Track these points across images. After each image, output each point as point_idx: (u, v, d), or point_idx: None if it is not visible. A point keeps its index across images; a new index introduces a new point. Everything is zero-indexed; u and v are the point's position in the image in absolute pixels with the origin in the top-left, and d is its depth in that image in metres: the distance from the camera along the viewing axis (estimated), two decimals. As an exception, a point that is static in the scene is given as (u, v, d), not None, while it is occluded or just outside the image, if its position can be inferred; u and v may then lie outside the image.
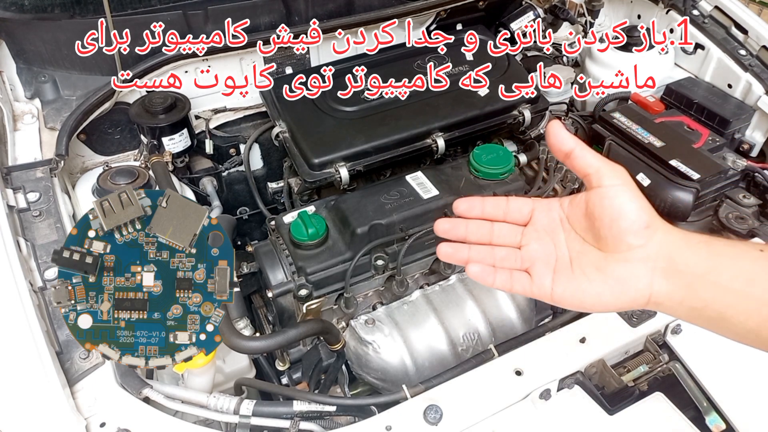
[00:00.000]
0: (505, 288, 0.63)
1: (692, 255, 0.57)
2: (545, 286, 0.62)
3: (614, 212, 0.58)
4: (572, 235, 0.63)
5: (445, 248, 0.65)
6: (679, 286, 0.57)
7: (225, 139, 1.52)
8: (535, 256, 0.63)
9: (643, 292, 0.58)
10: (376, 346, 1.12)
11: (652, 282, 0.58)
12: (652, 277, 0.58)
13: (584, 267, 0.60)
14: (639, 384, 0.97)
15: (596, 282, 0.59)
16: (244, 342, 0.96)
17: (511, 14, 1.67)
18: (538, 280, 0.62)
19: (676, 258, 0.57)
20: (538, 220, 0.65)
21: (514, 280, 0.63)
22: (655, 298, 0.58)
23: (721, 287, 0.56)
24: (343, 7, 1.52)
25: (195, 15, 1.39)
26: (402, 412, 0.90)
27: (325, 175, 1.28)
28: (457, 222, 0.66)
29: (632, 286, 0.58)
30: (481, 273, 0.63)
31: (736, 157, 1.42)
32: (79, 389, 0.89)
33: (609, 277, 0.59)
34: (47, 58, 1.36)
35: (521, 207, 0.66)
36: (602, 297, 0.59)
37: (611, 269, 0.59)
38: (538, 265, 0.63)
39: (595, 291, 0.59)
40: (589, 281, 0.60)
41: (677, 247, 0.57)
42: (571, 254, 0.62)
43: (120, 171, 1.27)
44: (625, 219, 0.58)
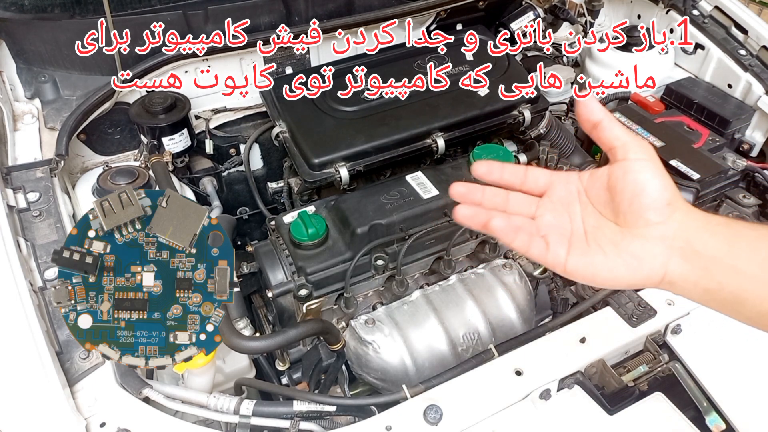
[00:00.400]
0: (522, 250, 0.62)
1: (711, 237, 0.56)
2: (560, 255, 0.60)
3: (637, 187, 0.58)
4: (589, 208, 0.62)
5: (463, 210, 0.63)
6: (696, 267, 0.56)
7: (225, 139, 1.52)
8: (550, 227, 0.62)
9: (658, 270, 0.57)
10: (376, 346, 1.12)
11: (668, 261, 0.57)
12: (669, 256, 0.57)
13: (600, 241, 0.60)
14: (639, 384, 0.97)
15: (611, 256, 0.58)
16: (244, 342, 0.96)
17: (511, 14, 1.67)
18: (553, 249, 0.61)
19: (694, 239, 0.56)
20: (554, 192, 0.64)
21: (531, 244, 0.61)
22: (670, 278, 0.58)
23: (738, 270, 0.55)
24: (343, 7, 1.52)
25: (195, 15, 1.39)
26: (402, 412, 0.90)
27: (325, 175, 1.28)
28: (473, 186, 0.65)
29: (647, 263, 0.57)
30: (504, 228, 0.61)
31: (736, 157, 1.42)
32: (79, 389, 0.89)
33: (624, 252, 0.58)
34: (47, 58, 1.36)
35: (538, 177, 0.65)
36: (616, 272, 0.58)
37: (627, 244, 0.58)
38: (553, 236, 0.62)
39: (610, 266, 0.58)
40: (604, 255, 0.59)
41: (696, 228, 0.57)
42: (586, 228, 0.61)
43: (120, 171, 1.27)
44: (647, 194, 0.57)
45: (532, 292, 1.26)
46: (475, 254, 1.32)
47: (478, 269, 1.27)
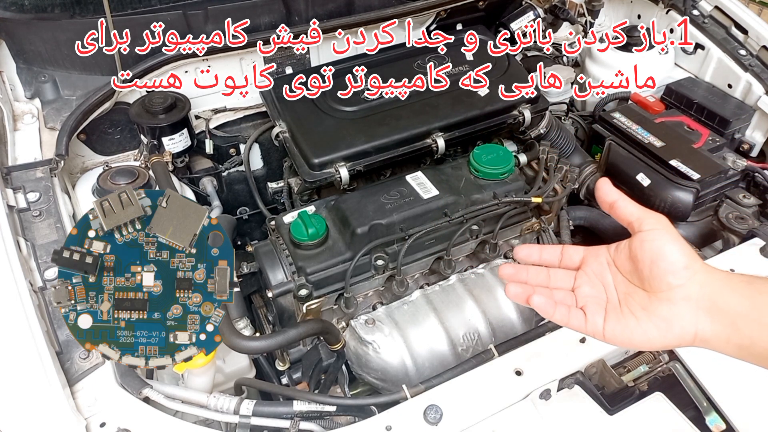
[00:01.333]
0: (563, 322, 0.68)
1: (732, 294, 0.60)
2: (597, 324, 0.66)
3: (654, 254, 0.63)
4: (619, 277, 0.68)
5: (514, 288, 0.70)
6: (724, 325, 0.60)
7: (225, 139, 1.52)
8: (587, 297, 0.69)
9: (688, 330, 0.62)
10: (376, 346, 1.12)
11: (696, 321, 0.61)
12: (697, 316, 0.61)
13: (632, 307, 0.65)
14: (639, 384, 0.97)
15: (643, 321, 0.63)
16: (244, 342, 0.96)
17: (511, 14, 1.67)
18: (591, 319, 0.67)
19: (717, 298, 0.60)
20: (588, 265, 0.71)
21: (570, 316, 0.68)
22: (702, 336, 0.62)
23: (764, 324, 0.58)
24: (343, 7, 1.52)
25: (195, 15, 1.39)
26: (402, 412, 0.90)
27: (325, 175, 1.28)
28: (519, 268, 0.73)
29: (677, 324, 0.62)
30: (543, 304, 0.68)
31: (736, 157, 1.42)
32: (79, 389, 0.89)
33: (654, 316, 0.63)
34: (47, 58, 1.36)
35: (572, 254, 0.73)
36: (649, 335, 0.63)
37: (656, 308, 0.63)
38: (591, 305, 0.68)
39: (643, 330, 0.63)
40: (637, 321, 0.64)
41: (718, 287, 0.61)
42: (619, 296, 0.67)
43: (120, 171, 1.27)
44: (664, 260, 0.62)
45: (532, 292, 1.26)
46: (475, 254, 1.32)
47: (478, 269, 1.27)
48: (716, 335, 0.61)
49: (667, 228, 0.64)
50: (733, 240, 1.32)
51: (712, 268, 0.63)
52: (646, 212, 0.66)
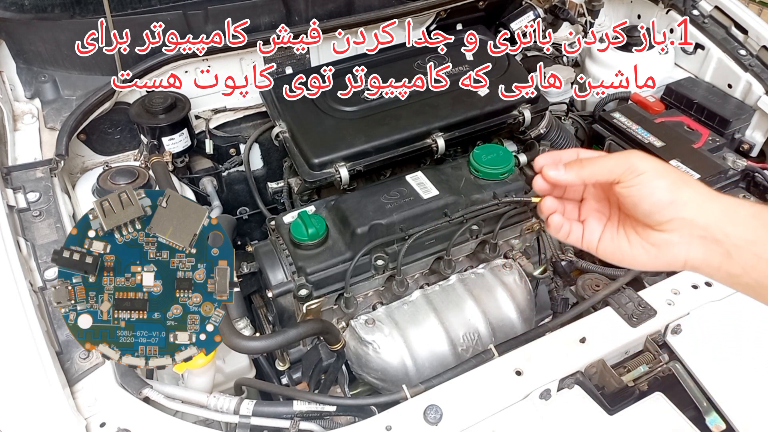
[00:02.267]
0: (563, 237, 0.70)
1: (732, 226, 0.60)
2: (592, 241, 0.69)
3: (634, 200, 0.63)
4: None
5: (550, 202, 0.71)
6: (717, 254, 0.61)
7: (225, 139, 1.52)
8: (591, 211, 0.70)
9: (678, 257, 0.63)
10: (376, 346, 1.12)
11: (688, 250, 0.62)
12: (689, 245, 0.62)
13: (626, 229, 0.67)
14: (639, 384, 0.97)
15: (635, 245, 0.65)
16: (244, 342, 0.96)
17: (511, 14, 1.67)
18: (588, 236, 0.69)
19: (713, 228, 0.60)
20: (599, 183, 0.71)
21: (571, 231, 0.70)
22: (692, 263, 0.63)
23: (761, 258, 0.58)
24: (343, 7, 1.52)
25: (195, 15, 1.39)
26: (402, 412, 0.90)
27: (325, 175, 1.28)
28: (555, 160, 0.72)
29: (668, 251, 0.63)
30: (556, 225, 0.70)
31: (736, 157, 1.42)
32: (79, 389, 0.89)
33: (645, 242, 0.64)
34: (47, 58, 1.36)
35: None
36: (639, 258, 0.65)
37: (647, 235, 0.64)
38: (591, 221, 0.70)
39: (633, 253, 0.66)
40: (629, 244, 0.66)
41: (716, 218, 0.61)
42: (619, 215, 0.68)
43: (120, 171, 1.27)
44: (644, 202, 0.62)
45: (532, 292, 1.26)
46: (475, 254, 1.32)
47: (478, 269, 1.27)
48: (707, 263, 0.62)
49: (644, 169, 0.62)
50: (733, 240, 1.32)
51: (715, 196, 0.62)
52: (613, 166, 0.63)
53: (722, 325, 1.04)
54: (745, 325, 1.04)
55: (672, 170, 0.63)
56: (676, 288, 1.08)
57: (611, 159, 0.64)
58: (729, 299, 1.06)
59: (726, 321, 1.04)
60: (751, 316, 1.05)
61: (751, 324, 1.04)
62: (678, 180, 0.62)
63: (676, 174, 0.63)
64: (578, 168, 0.66)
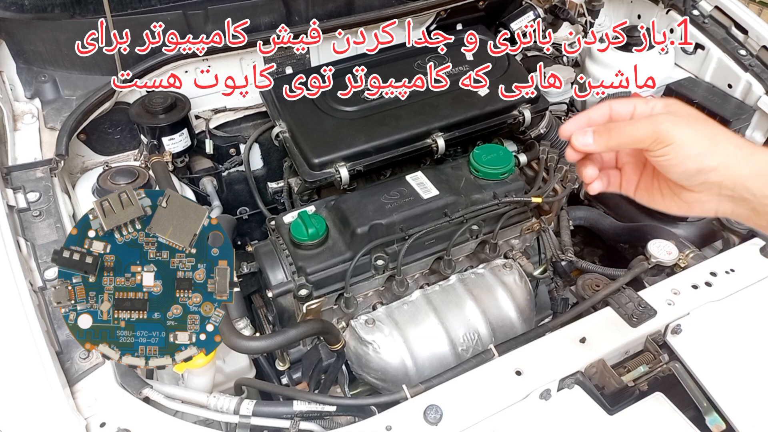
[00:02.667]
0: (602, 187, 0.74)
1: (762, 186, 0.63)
2: (630, 189, 0.74)
3: (663, 169, 0.66)
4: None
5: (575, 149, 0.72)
6: (745, 209, 0.65)
7: (225, 139, 1.52)
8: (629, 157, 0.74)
9: (709, 211, 0.68)
10: (376, 346, 1.12)
11: (717, 206, 0.67)
12: (718, 202, 0.66)
13: (661, 183, 0.71)
14: (639, 384, 0.97)
15: (667, 198, 0.70)
16: (244, 342, 0.96)
17: (511, 14, 1.67)
18: (626, 184, 0.74)
19: (740, 188, 0.64)
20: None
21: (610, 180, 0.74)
22: (722, 214, 0.68)
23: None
24: (343, 7, 1.52)
25: (195, 15, 1.39)
26: (402, 412, 0.90)
27: (325, 175, 1.28)
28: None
29: (697, 207, 0.68)
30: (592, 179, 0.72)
31: (736, 157, 1.42)
32: (79, 389, 0.89)
33: (677, 198, 0.69)
34: (47, 58, 1.36)
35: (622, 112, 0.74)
36: (672, 209, 0.70)
37: (678, 191, 0.68)
38: (628, 168, 0.74)
39: (666, 205, 0.71)
40: (662, 197, 0.71)
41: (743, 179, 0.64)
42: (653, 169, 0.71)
43: (120, 171, 1.27)
44: (673, 172, 0.66)
45: (532, 292, 1.26)
46: (475, 254, 1.32)
47: (478, 269, 1.27)
48: (736, 215, 0.66)
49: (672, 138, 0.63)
50: (733, 240, 1.32)
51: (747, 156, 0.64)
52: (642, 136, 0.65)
53: (722, 325, 1.04)
54: (745, 325, 1.04)
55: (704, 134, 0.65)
56: (676, 288, 1.08)
57: (639, 128, 0.66)
58: (729, 299, 1.06)
59: (726, 321, 1.04)
60: (751, 316, 1.05)
61: (751, 324, 1.04)
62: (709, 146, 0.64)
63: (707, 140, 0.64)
64: (607, 137, 0.67)
